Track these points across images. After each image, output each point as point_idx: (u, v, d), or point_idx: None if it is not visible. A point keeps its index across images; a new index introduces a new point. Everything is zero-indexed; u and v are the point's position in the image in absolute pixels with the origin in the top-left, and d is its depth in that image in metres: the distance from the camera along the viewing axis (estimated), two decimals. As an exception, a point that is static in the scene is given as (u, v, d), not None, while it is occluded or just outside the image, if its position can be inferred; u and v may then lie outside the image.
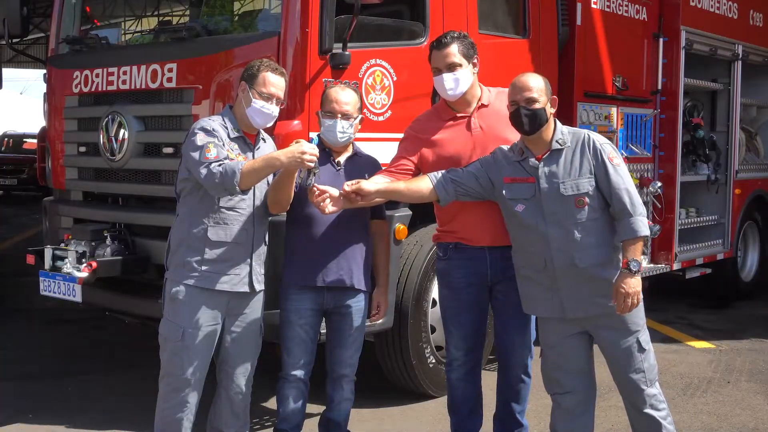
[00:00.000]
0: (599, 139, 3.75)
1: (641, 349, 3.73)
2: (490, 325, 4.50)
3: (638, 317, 3.74)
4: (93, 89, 5.47)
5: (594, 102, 6.63)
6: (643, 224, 3.64)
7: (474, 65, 4.06)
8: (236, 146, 3.82)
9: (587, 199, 3.66)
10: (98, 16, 6.38)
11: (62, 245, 5.24)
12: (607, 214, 3.70)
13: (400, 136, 4.23)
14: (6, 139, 22.87)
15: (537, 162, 3.73)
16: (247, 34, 5.06)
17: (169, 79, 5.07)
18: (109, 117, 5.31)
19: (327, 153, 4.04)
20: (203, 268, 3.77)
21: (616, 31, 6.93)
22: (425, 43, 5.30)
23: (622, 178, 3.67)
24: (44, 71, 6.40)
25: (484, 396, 4.34)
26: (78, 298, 5.09)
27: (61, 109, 5.90)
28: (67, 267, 5.07)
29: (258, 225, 3.92)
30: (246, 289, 3.88)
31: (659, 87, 7.38)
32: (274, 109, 3.86)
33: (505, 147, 3.89)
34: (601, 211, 3.69)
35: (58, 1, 6.08)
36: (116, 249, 5.14)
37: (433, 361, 5.30)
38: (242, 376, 3.99)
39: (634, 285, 3.57)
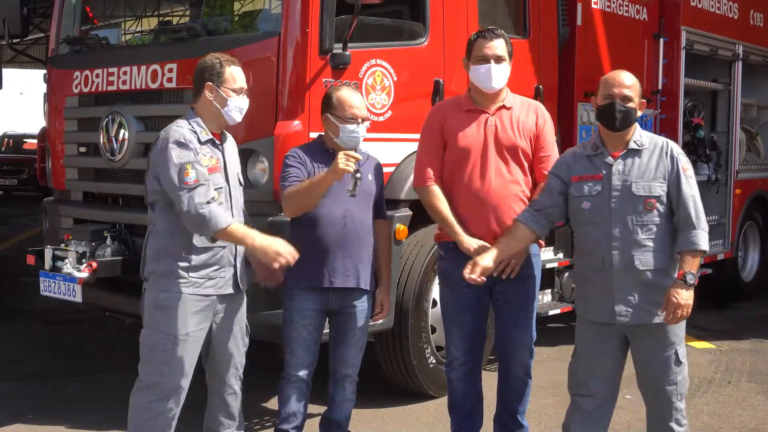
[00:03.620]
0: (677, 149, 3.75)
1: (678, 362, 3.70)
2: (491, 325, 4.50)
3: (680, 330, 3.72)
4: (93, 89, 5.47)
5: (595, 102, 6.63)
6: (704, 239, 3.63)
7: (510, 65, 4.06)
8: (207, 150, 3.73)
9: (657, 203, 3.65)
10: (98, 16, 6.38)
11: (62, 245, 5.24)
12: (670, 223, 3.68)
13: (401, 136, 4.23)
14: (6, 139, 22.90)
15: (612, 159, 3.72)
16: (247, 34, 5.06)
17: (169, 80, 5.07)
18: (109, 117, 5.31)
19: (331, 154, 4.00)
20: (190, 274, 3.68)
21: (617, 31, 6.93)
22: (425, 43, 5.31)
23: (693, 189, 3.67)
24: (44, 71, 6.40)
25: (484, 396, 4.33)
26: (78, 299, 5.09)
27: (62, 110, 5.90)
28: (68, 267, 5.07)
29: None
30: (231, 290, 3.81)
31: (659, 87, 7.39)
32: (246, 102, 3.82)
33: (574, 148, 3.93)
34: (666, 218, 3.67)
35: (58, 1, 6.08)
36: (116, 249, 5.14)
37: (434, 361, 5.30)
38: (233, 376, 3.95)
39: (687, 298, 3.55)
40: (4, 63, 22.21)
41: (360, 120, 3.98)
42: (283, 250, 3.66)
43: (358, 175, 3.78)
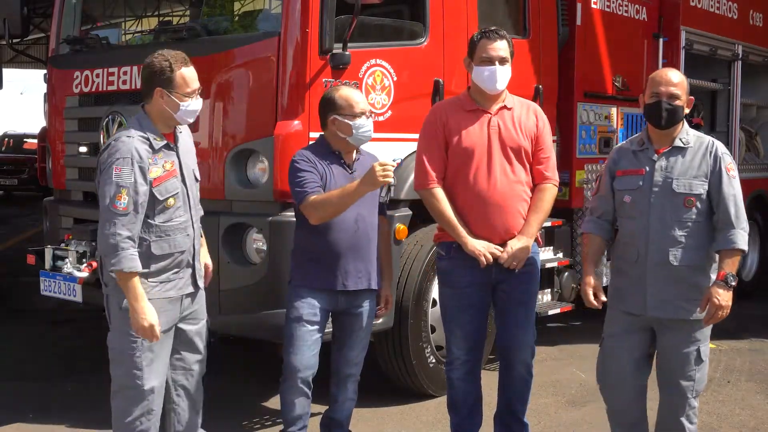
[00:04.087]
0: (722, 149, 3.78)
1: (699, 359, 3.76)
2: (491, 325, 4.51)
3: (707, 329, 3.79)
4: (93, 89, 5.48)
5: (594, 102, 6.64)
6: (743, 238, 3.70)
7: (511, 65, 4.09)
8: (162, 156, 3.62)
9: (696, 201, 3.69)
10: (98, 16, 6.38)
11: (62, 245, 5.25)
12: (709, 222, 3.72)
13: (401, 135, 4.23)
14: (6, 139, 22.93)
15: (657, 155, 3.76)
16: (247, 34, 5.06)
17: (170, 79, 5.06)
18: (110, 117, 5.31)
19: (337, 155, 4.01)
20: (149, 280, 3.59)
21: (616, 31, 6.94)
22: (425, 43, 5.31)
23: (734, 189, 3.71)
24: (45, 71, 6.40)
25: (483, 396, 4.33)
26: (78, 298, 5.10)
27: (62, 109, 5.91)
28: (68, 267, 5.07)
29: (196, 226, 3.80)
30: (192, 289, 3.76)
31: (659, 87, 7.37)
32: (199, 103, 3.72)
33: (622, 143, 3.99)
34: (705, 216, 3.71)
35: (58, 1, 6.08)
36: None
37: (433, 360, 5.31)
38: (199, 373, 3.90)
39: (728, 299, 3.60)
40: (5, 63, 22.22)
41: (367, 113, 3.99)
42: (148, 329, 3.49)
43: (393, 182, 3.79)
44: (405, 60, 5.21)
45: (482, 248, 3.92)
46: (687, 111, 3.78)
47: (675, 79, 3.73)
